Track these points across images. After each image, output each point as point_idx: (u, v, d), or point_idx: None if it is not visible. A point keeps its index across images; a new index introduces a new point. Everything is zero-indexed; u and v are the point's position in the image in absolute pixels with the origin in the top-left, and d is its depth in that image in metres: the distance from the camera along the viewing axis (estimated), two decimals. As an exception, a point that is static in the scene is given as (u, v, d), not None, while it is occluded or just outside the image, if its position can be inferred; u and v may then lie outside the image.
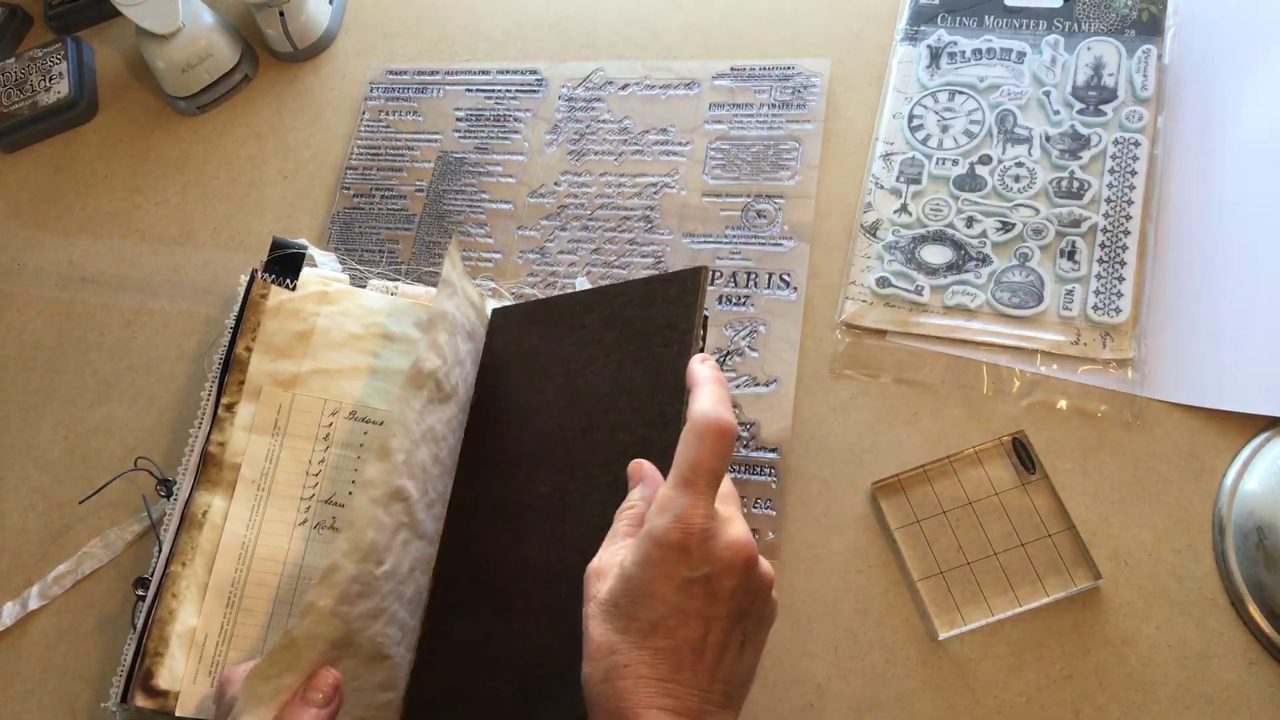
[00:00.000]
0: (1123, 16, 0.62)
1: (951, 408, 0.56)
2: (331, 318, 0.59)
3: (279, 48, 0.77)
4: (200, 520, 0.54)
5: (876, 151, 0.62)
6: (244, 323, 0.58)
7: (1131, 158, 0.58)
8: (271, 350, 0.58)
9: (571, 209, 0.67)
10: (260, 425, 0.57)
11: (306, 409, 0.57)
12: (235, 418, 0.56)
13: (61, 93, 0.78)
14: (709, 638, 0.39)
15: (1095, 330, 0.55)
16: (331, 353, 0.58)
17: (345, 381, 0.58)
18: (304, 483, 0.56)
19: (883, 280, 0.59)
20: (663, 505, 0.40)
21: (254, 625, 0.54)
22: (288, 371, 0.57)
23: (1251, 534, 0.49)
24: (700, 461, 0.40)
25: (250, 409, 0.57)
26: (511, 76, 0.72)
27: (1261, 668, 0.48)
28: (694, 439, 0.40)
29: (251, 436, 0.56)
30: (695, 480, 0.40)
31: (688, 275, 0.50)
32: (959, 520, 0.53)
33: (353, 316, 0.59)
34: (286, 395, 0.57)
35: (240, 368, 0.57)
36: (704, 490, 0.40)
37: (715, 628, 0.39)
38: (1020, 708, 0.49)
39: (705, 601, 0.39)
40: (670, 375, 0.48)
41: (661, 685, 0.38)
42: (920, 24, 0.65)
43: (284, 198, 0.72)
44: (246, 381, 0.57)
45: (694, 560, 0.39)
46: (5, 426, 0.68)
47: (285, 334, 0.58)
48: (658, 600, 0.39)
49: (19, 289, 0.74)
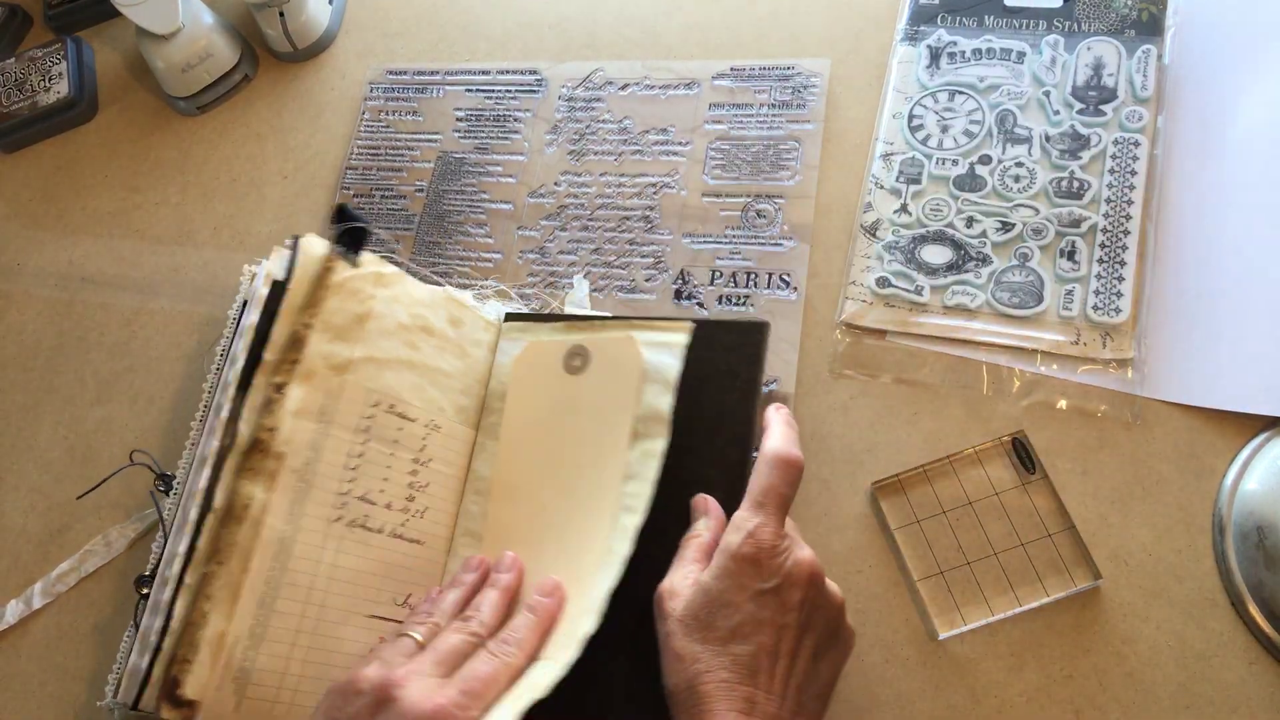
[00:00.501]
0: (1123, 16, 0.62)
1: (951, 408, 0.56)
2: (386, 303, 0.54)
3: (279, 48, 0.77)
4: (241, 515, 0.50)
5: (876, 151, 0.62)
6: (308, 297, 0.53)
7: (1131, 158, 0.58)
8: (330, 330, 0.53)
9: (571, 209, 0.67)
10: (308, 410, 0.51)
11: (353, 398, 0.53)
12: (285, 400, 0.51)
13: (61, 93, 0.78)
14: (781, 645, 0.43)
15: (1095, 330, 0.55)
16: (381, 340, 0.54)
17: (389, 373, 0.54)
18: (341, 476, 0.52)
19: (883, 280, 0.59)
20: (737, 525, 0.45)
21: (285, 628, 0.50)
22: (341, 355, 0.53)
23: (1251, 534, 0.49)
24: (771, 487, 0.45)
25: (300, 392, 0.51)
26: (511, 76, 0.72)
27: (1261, 668, 0.48)
28: (766, 468, 0.46)
29: (299, 422, 0.51)
30: (766, 503, 0.45)
31: (750, 327, 0.53)
32: (959, 520, 0.53)
33: (402, 304, 0.55)
34: (337, 381, 0.52)
35: (297, 345, 0.52)
36: (774, 512, 0.45)
37: (786, 636, 0.43)
38: (1020, 708, 0.49)
39: (776, 610, 0.43)
40: (731, 421, 0.51)
41: (740, 688, 0.41)
42: (920, 24, 0.65)
43: (284, 198, 0.72)
44: (301, 361, 0.51)
45: (765, 572, 0.43)
46: (5, 426, 0.68)
47: (345, 314, 0.53)
48: (734, 610, 0.43)
49: (19, 289, 0.74)
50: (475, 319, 0.59)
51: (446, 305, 0.57)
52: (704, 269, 0.62)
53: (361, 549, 0.52)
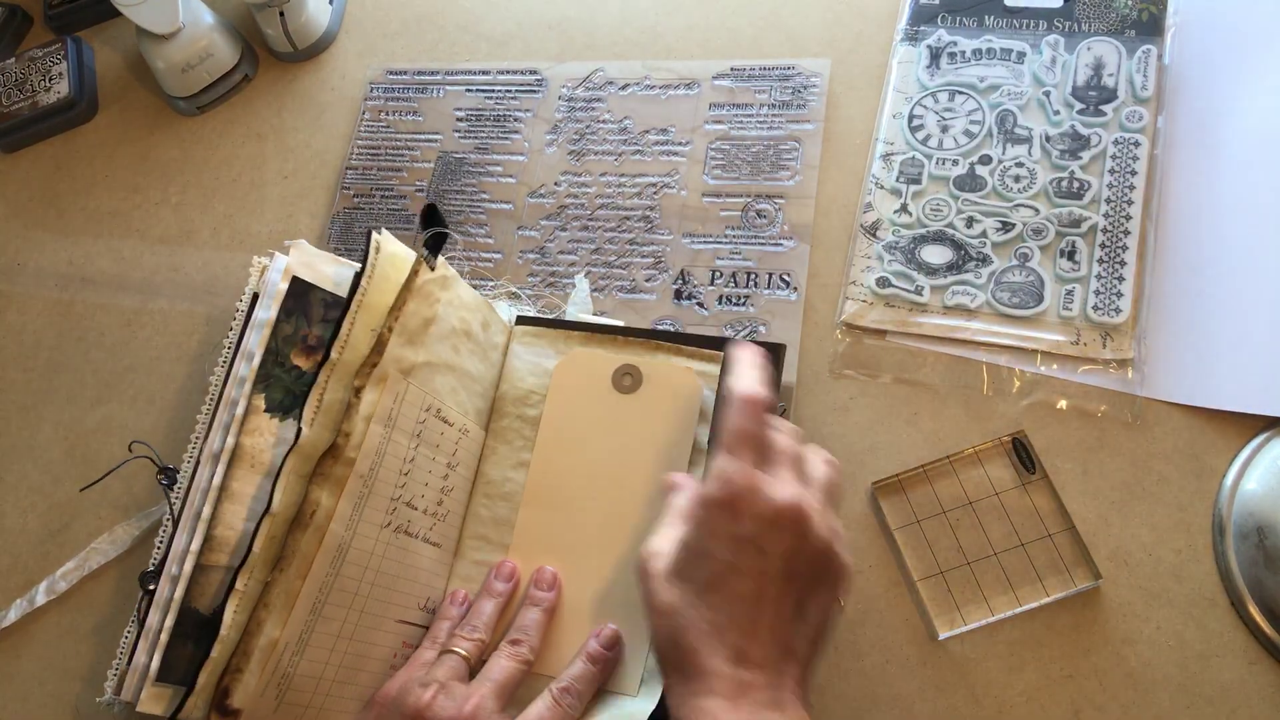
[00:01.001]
0: (1123, 16, 0.62)
1: (951, 408, 0.56)
2: (446, 306, 0.54)
3: (279, 48, 0.77)
4: (307, 521, 0.49)
5: (876, 151, 0.62)
6: (396, 299, 0.52)
7: (1131, 158, 0.58)
8: (405, 334, 0.52)
9: (571, 209, 0.67)
10: (379, 415, 0.51)
11: (413, 402, 0.52)
12: (361, 404, 0.50)
13: (61, 93, 0.78)
14: (764, 593, 0.41)
15: (1095, 330, 0.55)
16: (437, 344, 0.54)
17: (439, 377, 0.54)
18: (395, 481, 0.52)
19: (883, 280, 0.59)
20: (711, 474, 0.43)
21: (329, 634, 0.50)
22: (409, 359, 0.52)
23: (1251, 534, 0.49)
24: (740, 429, 0.43)
25: (374, 395, 0.51)
26: (511, 76, 0.72)
27: (1261, 668, 0.48)
28: (732, 411, 0.44)
29: (372, 427, 0.50)
30: (735, 446, 0.43)
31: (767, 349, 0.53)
32: (959, 520, 0.53)
33: (455, 308, 0.55)
34: (404, 385, 0.52)
35: (379, 349, 0.51)
36: (744, 454, 0.43)
37: (769, 584, 0.41)
38: (1020, 708, 0.49)
39: (756, 558, 0.41)
40: None
41: (722, 637, 0.40)
42: (920, 24, 0.65)
43: (284, 198, 0.72)
44: (380, 365, 0.51)
45: (741, 517, 0.41)
46: (5, 426, 0.68)
47: (418, 318, 0.53)
48: (711, 559, 0.41)
49: (19, 289, 0.74)
50: (499, 323, 0.59)
51: (483, 309, 0.57)
52: (704, 269, 0.62)
53: (400, 554, 0.52)
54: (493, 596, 0.53)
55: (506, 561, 0.54)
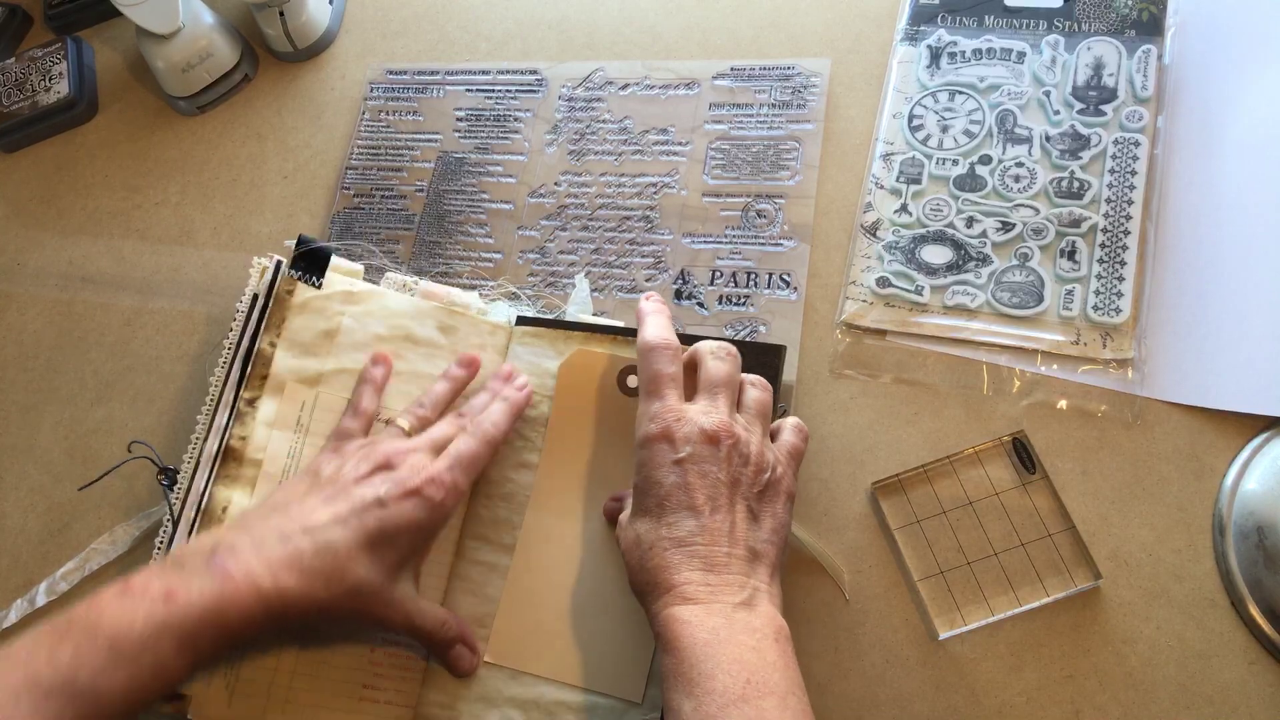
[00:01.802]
0: (1123, 16, 0.62)
1: (951, 408, 0.56)
2: (356, 318, 0.58)
3: (279, 48, 0.77)
4: (220, 516, 0.53)
5: (876, 151, 0.62)
6: (269, 318, 0.57)
7: (1131, 158, 0.58)
8: (296, 347, 0.57)
9: (571, 209, 0.67)
10: (283, 421, 0.56)
11: (330, 407, 0.57)
12: (257, 413, 0.56)
13: (61, 93, 0.78)
14: (717, 501, 0.45)
15: (1095, 330, 0.55)
16: (355, 353, 0.58)
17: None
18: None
19: (883, 280, 0.59)
20: (641, 417, 0.47)
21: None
22: (311, 369, 0.57)
23: (1251, 534, 0.49)
24: (653, 373, 0.48)
25: (273, 405, 0.56)
26: (511, 76, 0.72)
27: (1261, 668, 0.48)
28: (640, 360, 0.49)
29: (274, 432, 0.56)
30: (654, 389, 0.48)
31: (767, 349, 0.54)
32: (959, 520, 0.53)
33: (377, 317, 0.58)
34: (310, 393, 0.57)
35: (264, 362, 0.57)
36: (664, 393, 0.48)
37: (719, 493, 0.45)
38: (1020, 708, 0.49)
39: (697, 476, 0.45)
40: None
41: (683, 549, 0.44)
42: (920, 24, 0.65)
43: (284, 198, 0.72)
44: (270, 377, 0.56)
45: (676, 444, 0.46)
46: (5, 426, 0.68)
47: (310, 331, 0.58)
48: (659, 485, 0.45)
49: (19, 289, 0.74)
50: (473, 324, 0.59)
51: (435, 315, 0.59)
52: (704, 269, 0.62)
53: None
54: (447, 380, 0.57)
55: (467, 354, 0.58)
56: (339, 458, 0.52)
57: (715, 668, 0.40)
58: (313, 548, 0.46)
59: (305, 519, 0.47)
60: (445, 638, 0.51)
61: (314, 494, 0.49)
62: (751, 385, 0.50)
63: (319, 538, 0.47)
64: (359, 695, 0.52)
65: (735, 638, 0.41)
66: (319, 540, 0.47)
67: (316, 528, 0.47)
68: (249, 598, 0.44)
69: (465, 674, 0.52)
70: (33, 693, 0.40)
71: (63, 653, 0.41)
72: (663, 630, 0.42)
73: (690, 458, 0.45)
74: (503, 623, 0.53)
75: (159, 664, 0.42)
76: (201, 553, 0.46)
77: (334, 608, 0.46)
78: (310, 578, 0.45)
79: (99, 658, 0.41)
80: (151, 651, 0.42)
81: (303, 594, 0.45)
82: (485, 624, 0.53)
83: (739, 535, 0.44)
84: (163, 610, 0.43)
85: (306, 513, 0.48)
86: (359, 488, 0.49)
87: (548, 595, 0.53)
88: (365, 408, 0.56)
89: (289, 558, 0.46)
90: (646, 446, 0.46)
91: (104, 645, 0.41)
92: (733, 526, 0.44)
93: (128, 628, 0.42)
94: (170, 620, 0.43)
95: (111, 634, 0.42)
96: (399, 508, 0.48)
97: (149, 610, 0.43)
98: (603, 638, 0.51)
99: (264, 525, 0.47)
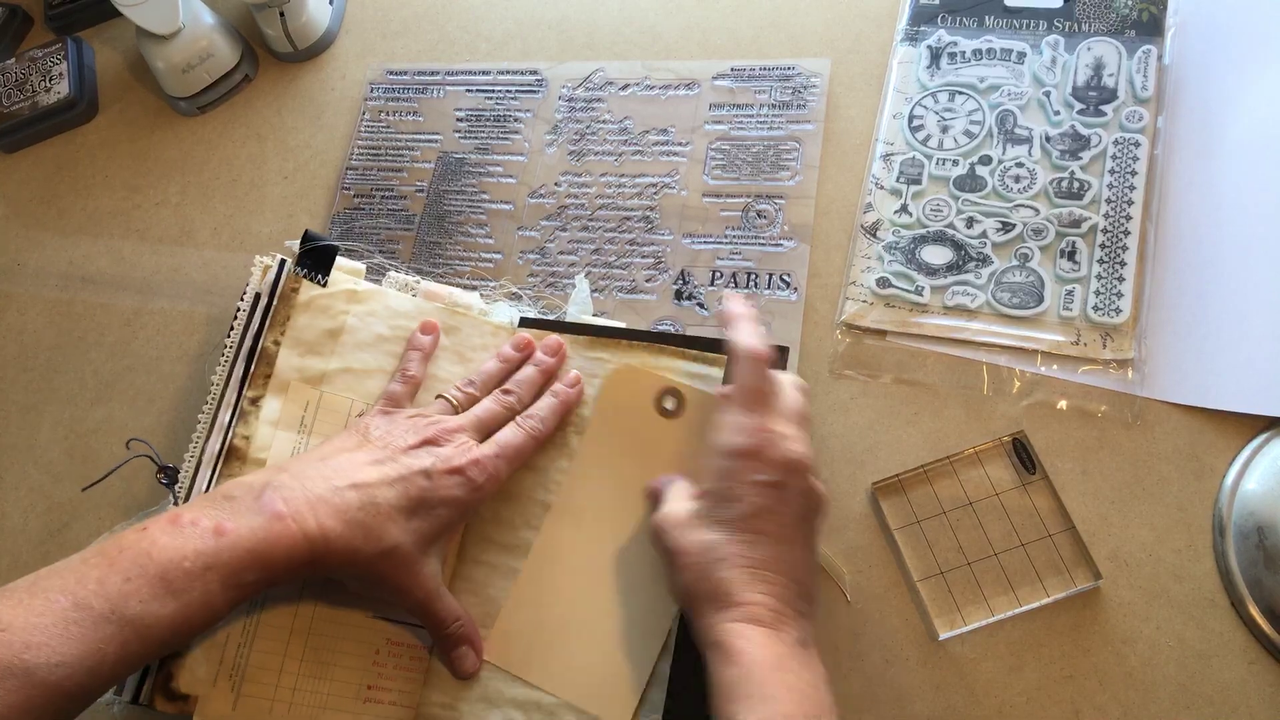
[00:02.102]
0: (1123, 16, 0.62)
1: (951, 408, 0.56)
2: (360, 317, 0.58)
3: (279, 48, 0.77)
4: None
5: (876, 152, 0.62)
6: (274, 315, 0.57)
7: (1131, 158, 0.58)
8: (300, 345, 0.57)
9: (572, 209, 0.67)
10: (287, 421, 0.56)
11: (334, 407, 0.57)
12: (260, 411, 0.56)
13: (61, 93, 0.78)
14: (788, 536, 0.45)
15: (1095, 330, 0.55)
16: (359, 353, 0.58)
17: (371, 382, 0.57)
18: None
19: (883, 280, 0.59)
20: (734, 427, 0.47)
21: (275, 626, 0.53)
22: (315, 368, 0.57)
23: (1251, 534, 0.49)
24: (747, 384, 0.47)
25: (276, 404, 0.56)
26: (511, 76, 0.72)
27: (1261, 668, 0.48)
28: (743, 368, 0.48)
29: (278, 432, 0.55)
30: (751, 402, 0.47)
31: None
32: (959, 520, 0.53)
33: (380, 318, 0.58)
34: (314, 392, 0.57)
35: (268, 361, 0.57)
36: (760, 409, 0.47)
37: (792, 528, 0.45)
38: (1020, 708, 0.49)
39: (778, 501, 0.45)
40: None
41: (757, 572, 0.44)
42: (920, 24, 0.65)
43: (284, 198, 0.72)
44: (274, 376, 0.56)
45: (765, 465, 0.45)
46: (5, 426, 0.68)
47: (315, 330, 0.57)
48: (741, 501, 0.45)
49: (19, 289, 0.74)
50: (475, 325, 0.59)
51: (437, 316, 0.59)
52: (704, 269, 0.62)
53: None
54: (500, 360, 0.57)
55: (522, 336, 0.58)
56: (389, 422, 0.53)
57: (781, 691, 0.41)
58: (358, 501, 0.48)
59: (354, 475, 0.49)
60: (455, 634, 0.51)
61: (363, 452, 0.50)
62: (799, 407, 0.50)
63: (365, 494, 0.48)
64: (363, 696, 0.52)
65: (799, 671, 0.42)
66: (365, 496, 0.48)
67: (364, 485, 0.48)
68: (295, 538, 0.45)
69: (466, 676, 0.52)
70: (82, 618, 0.41)
71: (112, 580, 0.42)
72: (725, 641, 0.42)
73: (777, 484, 0.45)
74: (505, 624, 0.53)
75: (206, 597, 0.43)
76: (252, 489, 0.47)
77: (367, 565, 0.47)
78: (353, 529, 0.47)
79: (149, 588, 0.42)
80: (201, 584, 0.43)
81: (344, 543, 0.46)
82: (485, 624, 0.53)
83: (805, 572, 0.45)
84: (213, 545, 0.44)
85: (355, 468, 0.49)
86: (407, 456, 0.50)
87: (553, 605, 0.53)
88: (414, 373, 0.56)
89: (336, 507, 0.47)
90: (734, 458, 0.46)
91: (154, 575, 0.42)
92: (803, 562, 0.45)
93: (178, 560, 0.43)
94: (220, 555, 0.44)
95: (162, 565, 0.43)
96: (442, 481, 0.49)
97: (199, 544, 0.44)
98: (600, 658, 0.51)
99: (314, 471, 0.49)
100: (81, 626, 0.41)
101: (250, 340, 0.57)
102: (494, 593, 0.54)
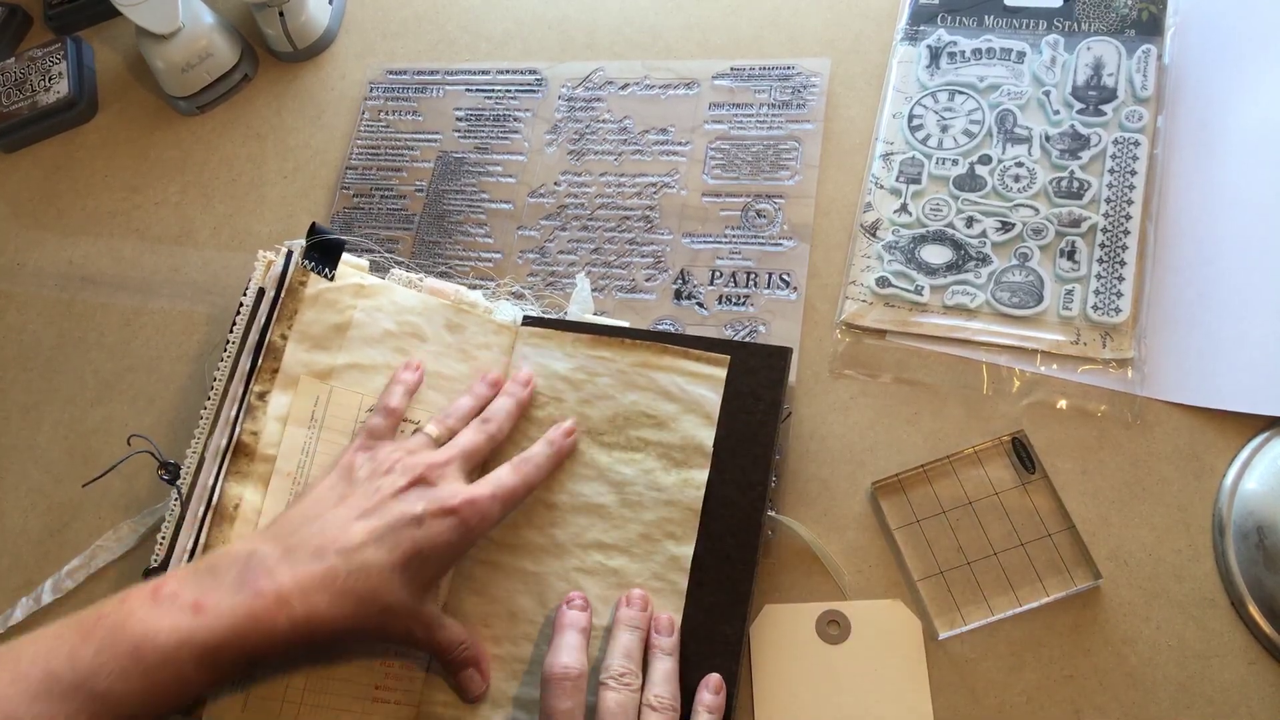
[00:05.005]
0: (1123, 16, 0.62)
1: (951, 408, 0.56)
2: (367, 312, 0.57)
3: (279, 48, 0.77)
4: (232, 514, 0.52)
5: (876, 151, 0.62)
6: (281, 309, 0.56)
7: (1131, 158, 0.58)
8: (307, 340, 0.56)
9: (571, 209, 0.67)
10: (297, 416, 0.55)
11: (343, 402, 0.56)
12: (268, 406, 0.54)
13: (61, 93, 0.78)
14: None
15: (1095, 330, 0.55)
16: (366, 348, 0.57)
17: (378, 378, 0.57)
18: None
19: (883, 280, 0.59)
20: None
21: None
22: (322, 363, 0.56)
23: (1251, 534, 0.49)
24: (544, 707, 0.47)
25: (285, 399, 0.55)
26: (511, 76, 0.72)
27: (1261, 668, 0.48)
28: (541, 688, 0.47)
29: (288, 427, 0.54)
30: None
31: (773, 352, 0.54)
32: (959, 520, 0.53)
33: (387, 313, 0.58)
34: (324, 387, 0.55)
35: (274, 355, 0.55)
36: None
37: None
38: (1020, 708, 0.49)
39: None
40: (752, 443, 0.53)
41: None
42: (920, 24, 0.65)
43: (284, 198, 0.72)
44: (281, 370, 0.55)
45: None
46: (5, 426, 0.68)
47: (322, 324, 0.56)
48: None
49: (19, 289, 0.74)
50: (480, 323, 0.59)
51: (443, 312, 0.59)
52: (704, 269, 0.62)
53: None
54: (470, 395, 0.56)
55: (491, 372, 0.57)
56: (372, 460, 0.52)
57: None
58: (347, 569, 0.46)
59: (341, 538, 0.47)
60: (462, 658, 0.50)
61: (349, 503, 0.49)
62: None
63: (354, 559, 0.46)
64: (371, 696, 0.51)
65: None
66: (354, 562, 0.46)
67: (352, 548, 0.46)
68: (277, 619, 0.44)
69: (474, 699, 0.51)
70: (51, 691, 0.40)
71: (84, 652, 0.41)
72: None
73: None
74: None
75: (179, 677, 0.42)
76: (237, 562, 0.45)
77: (362, 627, 0.46)
78: (343, 599, 0.45)
79: (118, 663, 0.41)
80: (173, 664, 0.42)
81: (333, 616, 0.45)
82: (489, 624, 0.53)
83: None
84: (189, 622, 0.42)
85: (342, 528, 0.47)
86: (396, 503, 0.48)
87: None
88: (396, 407, 0.55)
89: (323, 577, 0.45)
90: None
91: (127, 650, 0.41)
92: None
93: (153, 636, 0.42)
94: (196, 634, 0.42)
95: (136, 640, 0.42)
96: (435, 526, 0.48)
97: (175, 620, 0.42)
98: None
99: (299, 538, 0.47)
100: (49, 700, 0.40)
101: (257, 334, 0.56)
102: (497, 591, 0.54)
